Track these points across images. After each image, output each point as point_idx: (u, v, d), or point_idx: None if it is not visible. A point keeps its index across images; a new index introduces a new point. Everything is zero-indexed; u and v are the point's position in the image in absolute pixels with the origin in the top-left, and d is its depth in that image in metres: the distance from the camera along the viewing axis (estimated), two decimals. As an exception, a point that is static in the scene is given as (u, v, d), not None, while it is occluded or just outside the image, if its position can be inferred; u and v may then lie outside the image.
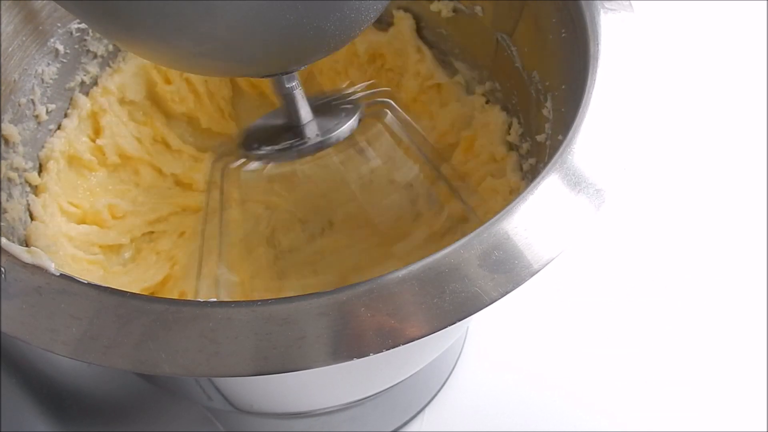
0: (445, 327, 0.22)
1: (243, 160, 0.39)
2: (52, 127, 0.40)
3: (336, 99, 0.40)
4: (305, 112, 0.37)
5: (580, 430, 0.44)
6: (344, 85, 0.44)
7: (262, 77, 0.33)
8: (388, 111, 0.40)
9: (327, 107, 0.39)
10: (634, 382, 0.46)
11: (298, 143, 0.37)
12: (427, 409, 0.45)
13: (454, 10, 0.44)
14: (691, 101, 0.61)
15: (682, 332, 0.48)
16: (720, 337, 0.48)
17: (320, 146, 0.37)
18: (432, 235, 0.41)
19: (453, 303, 0.23)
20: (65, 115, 0.41)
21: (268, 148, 0.37)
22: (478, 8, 0.42)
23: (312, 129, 0.37)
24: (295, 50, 0.27)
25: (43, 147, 0.40)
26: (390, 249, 0.41)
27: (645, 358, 0.47)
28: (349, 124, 0.37)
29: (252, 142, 0.38)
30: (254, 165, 0.38)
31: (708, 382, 0.46)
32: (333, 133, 0.37)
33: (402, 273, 0.24)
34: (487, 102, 0.44)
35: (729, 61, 0.64)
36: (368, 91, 0.41)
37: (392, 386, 0.38)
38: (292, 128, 0.37)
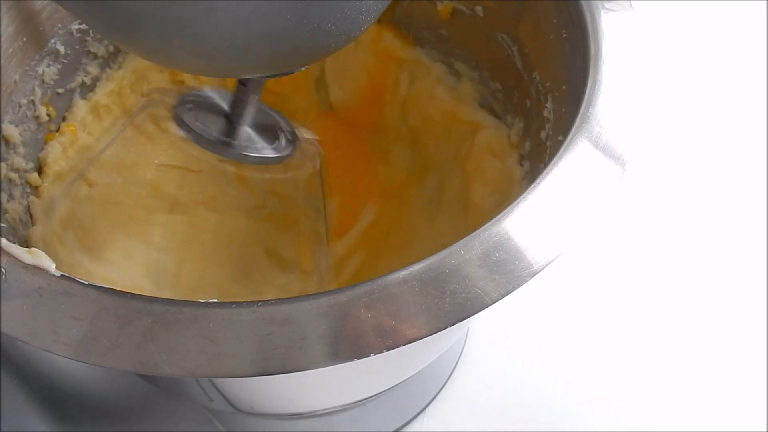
0: (446, 328, 0.22)
1: (171, 115, 0.38)
2: (52, 128, 0.40)
3: (283, 123, 0.41)
4: (248, 119, 0.37)
5: (580, 431, 0.44)
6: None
7: (264, 77, 0.33)
8: (318, 157, 0.41)
9: (271, 126, 0.40)
10: (634, 382, 0.46)
11: (224, 141, 0.37)
12: (427, 410, 0.45)
13: (455, 11, 0.44)
14: (692, 101, 0.61)
15: (681, 333, 0.48)
16: (720, 338, 0.48)
17: (241, 158, 0.37)
18: None
19: (453, 304, 0.23)
20: (64, 118, 0.41)
21: (199, 125, 0.37)
22: (478, 9, 0.42)
23: (245, 135, 0.37)
24: (296, 51, 0.27)
25: (43, 148, 0.40)
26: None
27: (645, 359, 0.47)
28: (279, 154, 0.38)
29: (189, 106, 0.38)
30: (180, 132, 0.38)
31: (708, 382, 0.46)
32: (259, 154, 0.37)
33: (402, 274, 0.24)
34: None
35: (729, 61, 0.64)
36: (311, 137, 0.42)
37: (393, 387, 0.38)
38: (229, 119, 0.37)
